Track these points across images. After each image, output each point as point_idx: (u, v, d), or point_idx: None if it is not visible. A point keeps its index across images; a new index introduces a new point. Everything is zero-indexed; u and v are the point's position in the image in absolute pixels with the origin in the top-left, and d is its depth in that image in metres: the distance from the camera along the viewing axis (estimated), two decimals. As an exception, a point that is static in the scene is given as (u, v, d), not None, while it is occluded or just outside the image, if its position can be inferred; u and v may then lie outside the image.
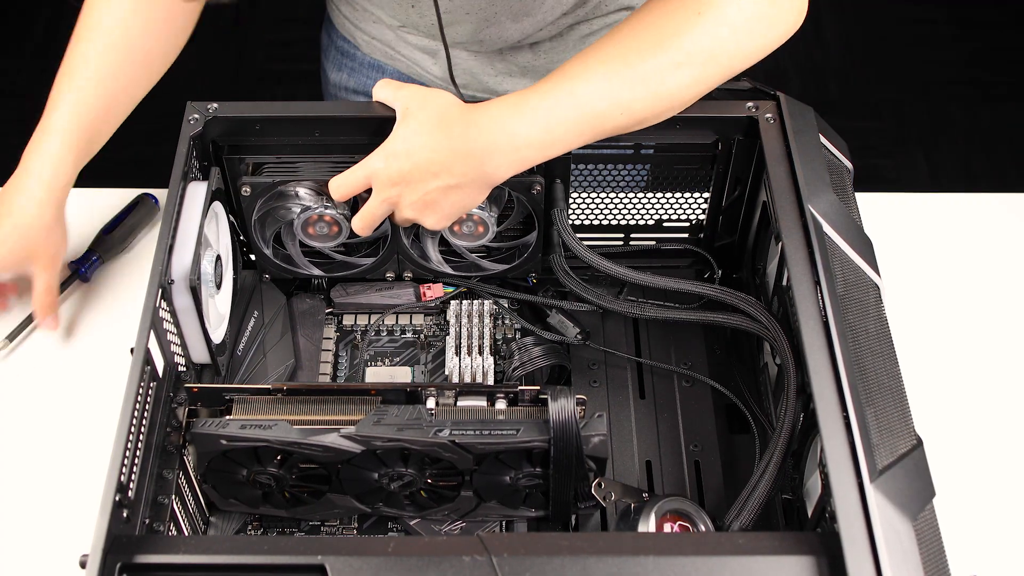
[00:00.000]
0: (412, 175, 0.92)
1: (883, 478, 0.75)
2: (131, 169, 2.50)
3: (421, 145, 0.91)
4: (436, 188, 0.93)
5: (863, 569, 0.71)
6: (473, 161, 0.91)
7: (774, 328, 0.94)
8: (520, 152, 0.92)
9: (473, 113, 0.92)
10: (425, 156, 0.91)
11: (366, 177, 0.94)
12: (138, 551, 0.74)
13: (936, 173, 2.51)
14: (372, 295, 1.12)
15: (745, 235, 1.09)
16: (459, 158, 0.91)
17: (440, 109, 0.92)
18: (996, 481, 1.05)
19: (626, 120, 0.92)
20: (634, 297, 1.08)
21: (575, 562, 0.73)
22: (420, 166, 0.91)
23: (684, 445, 1.02)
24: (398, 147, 0.92)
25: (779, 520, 0.94)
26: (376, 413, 0.89)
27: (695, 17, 0.89)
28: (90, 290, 1.19)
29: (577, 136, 0.92)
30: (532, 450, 0.89)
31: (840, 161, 0.99)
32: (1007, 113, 2.63)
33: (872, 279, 0.89)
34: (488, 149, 0.91)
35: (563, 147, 0.93)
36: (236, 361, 1.06)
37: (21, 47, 2.74)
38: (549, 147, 0.92)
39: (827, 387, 0.80)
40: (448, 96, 0.94)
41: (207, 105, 1.00)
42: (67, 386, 1.11)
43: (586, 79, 0.90)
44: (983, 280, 1.21)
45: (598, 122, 0.91)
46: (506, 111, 0.91)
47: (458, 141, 0.91)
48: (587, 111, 0.91)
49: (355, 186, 0.95)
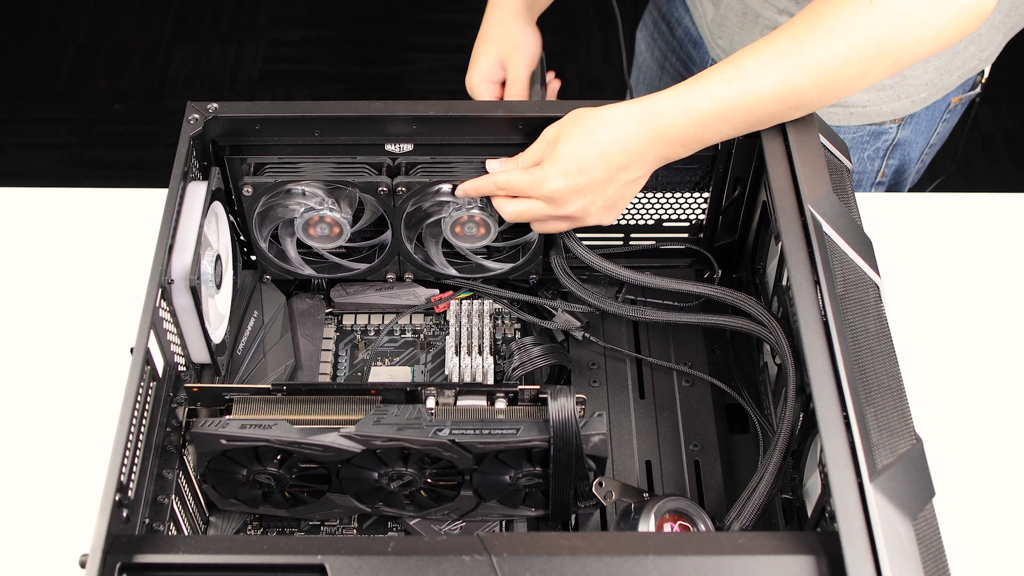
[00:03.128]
0: (590, 187, 0.94)
1: (883, 477, 0.75)
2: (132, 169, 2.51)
3: (595, 153, 0.93)
4: (616, 189, 0.95)
5: (863, 569, 0.71)
6: (654, 148, 0.93)
7: (774, 328, 0.94)
8: (693, 128, 0.93)
9: (642, 104, 0.93)
10: (602, 162, 0.93)
11: (532, 184, 0.95)
12: (138, 551, 0.74)
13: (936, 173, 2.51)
14: (372, 295, 1.12)
15: (745, 235, 1.09)
16: (638, 149, 0.93)
17: (596, 119, 0.94)
18: (996, 480, 1.05)
19: (790, 108, 0.93)
20: (632, 296, 1.09)
21: (575, 562, 0.73)
22: (595, 177, 0.94)
23: (684, 445, 1.02)
24: (570, 165, 0.93)
25: (779, 520, 0.94)
26: (376, 413, 0.89)
27: (867, 7, 0.88)
28: (90, 290, 1.19)
29: (745, 116, 0.92)
30: (532, 449, 0.89)
31: (840, 161, 0.99)
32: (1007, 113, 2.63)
33: (872, 279, 0.89)
34: (667, 132, 0.93)
35: (728, 129, 0.94)
36: (236, 361, 1.06)
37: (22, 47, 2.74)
38: (717, 126, 0.93)
39: (827, 387, 0.80)
40: (589, 109, 0.95)
41: (207, 105, 1.00)
42: (67, 386, 1.11)
43: (757, 64, 0.91)
44: (983, 280, 1.21)
45: (763, 106, 0.92)
46: (681, 91, 0.93)
47: (630, 139, 0.92)
48: (753, 97, 0.91)
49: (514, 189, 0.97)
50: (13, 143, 2.53)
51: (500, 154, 1.01)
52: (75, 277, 1.20)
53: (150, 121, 2.61)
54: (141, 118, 2.62)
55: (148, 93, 2.66)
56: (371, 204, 1.02)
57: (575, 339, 1.09)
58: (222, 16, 2.83)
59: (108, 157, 2.54)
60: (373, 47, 2.76)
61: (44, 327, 1.16)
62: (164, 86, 2.68)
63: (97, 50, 2.75)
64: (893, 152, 1.26)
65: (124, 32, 2.79)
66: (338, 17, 2.84)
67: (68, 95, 2.64)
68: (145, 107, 2.64)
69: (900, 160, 1.29)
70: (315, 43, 2.78)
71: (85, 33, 2.78)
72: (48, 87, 2.66)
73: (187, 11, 2.84)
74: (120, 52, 2.74)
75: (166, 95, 2.66)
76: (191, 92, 2.63)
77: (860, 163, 1.27)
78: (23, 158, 2.51)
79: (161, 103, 2.64)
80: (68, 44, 2.76)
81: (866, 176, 1.29)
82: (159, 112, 2.63)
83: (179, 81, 2.69)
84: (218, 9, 2.84)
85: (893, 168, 1.30)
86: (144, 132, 2.59)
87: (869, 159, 1.27)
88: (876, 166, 1.28)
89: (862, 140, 1.24)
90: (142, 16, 2.82)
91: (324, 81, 2.69)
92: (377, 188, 1.00)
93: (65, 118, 2.59)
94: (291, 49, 2.76)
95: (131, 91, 2.66)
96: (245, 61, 2.72)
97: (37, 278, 1.21)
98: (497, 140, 1.01)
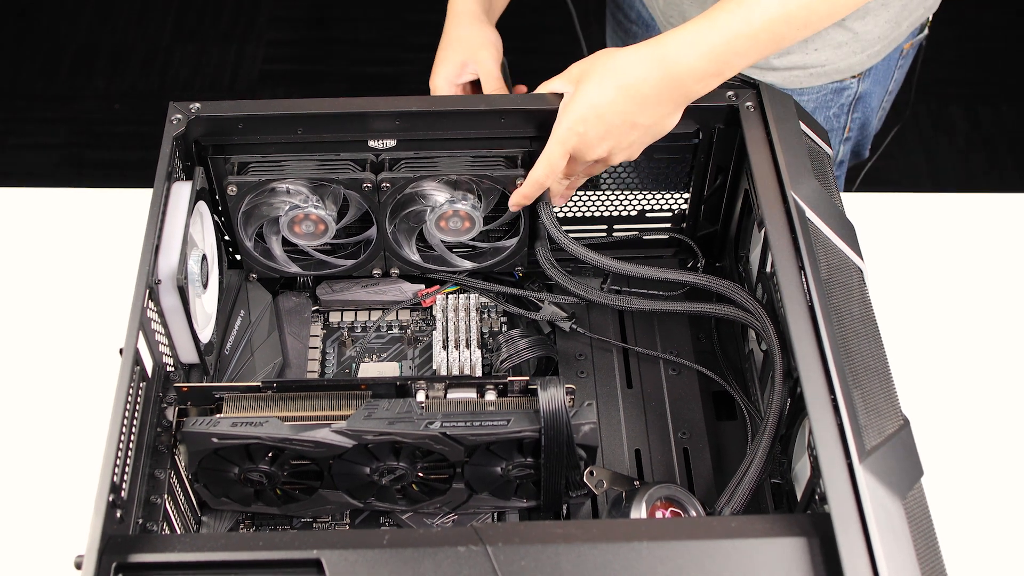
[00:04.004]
0: (610, 132, 0.95)
1: (872, 458, 0.76)
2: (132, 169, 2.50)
3: (610, 100, 0.94)
4: (638, 135, 0.97)
5: (855, 548, 0.72)
6: (669, 90, 0.95)
7: (759, 314, 0.95)
8: (704, 63, 0.94)
9: (652, 47, 0.95)
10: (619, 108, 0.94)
11: (564, 153, 0.96)
12: (133, 551, 0.74)
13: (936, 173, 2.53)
14: (358, 292, 1.12)
15: (727, 224, 1.10)
16: (652, 93, 0.94)
17: (611, 63, 0.95)
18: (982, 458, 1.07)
19: (798, 28, 0.94)
20: (617, 287, 1.09)
21: (570, 549, 0.74)
22: (614, 123, 0.95)
23: (672, 433, 1.03)
24: (588, 112, 0.94)
25: (768, 504, 0.95)
26: (367, 407, 0.89)
27: None
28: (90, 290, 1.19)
29: (754, 43, 0.94)
30: (523, 440, 0.89)
31: (820, 147, 1.00)
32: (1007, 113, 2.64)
33: (855, 263, 0.90)
34: (679, 72, 0.94)
35: (740, 60, 0.95)
36: (224, 361, 1.06)
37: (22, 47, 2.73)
38: (728, 57, 0.94)
39: (814, 370, 0.81)
40: (610, 51, 0.96)
41: (189, 105, 1.00)
42: (57, 388, 1.11)
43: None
44: (982, 280, 1.22)
45: (771, 29, 0.93)
46: (689, 27, 0.94)
47: (643, 83, 0.94)
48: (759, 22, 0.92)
49: (554, 170, 0.98)
50: (13, 143, 2.52)
51: (482, 147, 1.01)
52: (75, 277, 1.20)
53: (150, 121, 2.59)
54: (141, 118, 2.61)
55: (148, 93, 2.66)
56: (355, 200, 1.03)
57: (562, 331, 1.09)
58: (222, 16, 2.82)
59: (108, 157, 2.53)
60: (373, 47, 2.76)
61: (44, 327, 1.16)
62: (164, 86, 2.67)
63: (97, 50, 2.73)
64: (856, 106, 1.30)
65: (124, 32, 2.78)
66: (338, 17, 2.84)
67: (68, 95, 2.63)
68: (145, 107, 2.63)
69: (863, 113, 1.33)
70: (315, 43, 2.78)
71: (85, 33, 2.77)
72: (48, 87, 2.65)
73: (187, 11, 2.83)
74: (120, 52, 2.73)
75: (166, 95, 2.64)
76: (191, 92, 2.62)
77: (827, 121, 1.30)
78: (23, 158, 2.50)
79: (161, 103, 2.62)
80: (68, 44, 2.75)
81: (834, 134, 1.33)
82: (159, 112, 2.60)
83: (179, 81, 2.69)
84: (218, 9, 2.83)
85: (859, 122, 1.34)
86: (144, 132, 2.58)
87: (835, 116, 1.30)
88: (842, 122, 1.32)
89: (826, 99, 1.27)
90: (142, 16, 2.81)
91: (324, 81, 2.69)
92: (361, 184, 1.01)
93: (65, 118, 2.58)
94: (291, 49, 2.76)
95: (131, 91, 2.65)
96: (245, 61, 2.72)
97: (36, 278, 1.21)
98: (480, 134, 1.02)
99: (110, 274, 1.20)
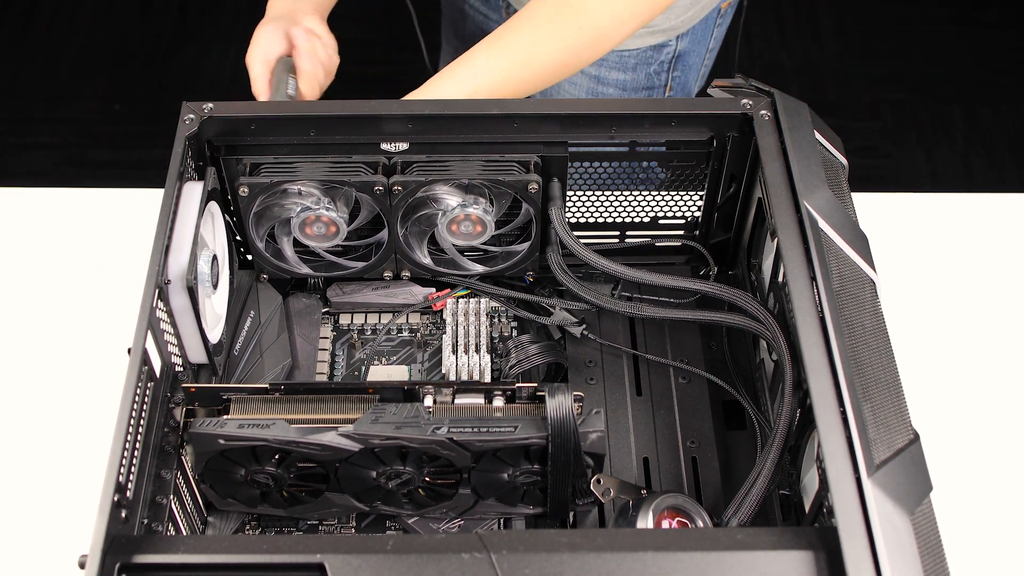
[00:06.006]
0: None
1: (880, 472, 0.75)
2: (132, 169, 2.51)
3: None
4: None
5: (861, 563, 0.71)
6: None
7: (770, 324, 0.94)
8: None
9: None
10: None
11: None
12: (137, 551, 0.74)
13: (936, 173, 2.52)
14: (369, 294, 1.12)
15: (740, 232, 1.10)
16: None
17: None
18: (992, 475, 1.06)
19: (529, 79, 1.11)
20: (628, 293, 1.09)
21: (574, 559, 0.73)
22: None
23: (681, 441, 1.02)
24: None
25: (776, 516, 0.95)
26: (374, 411, 0.89)
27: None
28: (87, 290, 1.19)
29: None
30: (530, 447, 0.89)
31: (835, 157, 0.99)
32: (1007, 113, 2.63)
33: (868, 275, 0.90)
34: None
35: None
36: (233, 361, 1.06)
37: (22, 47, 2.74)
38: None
39: (824, 383, 0.80)
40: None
41: (202, 105, 0.99)
42: (65, 386, 1.11)
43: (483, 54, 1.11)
44: (982, 280, 1.21)
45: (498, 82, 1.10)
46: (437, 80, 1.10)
47: None
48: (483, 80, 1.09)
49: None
50: (13, 143, 2.53)
51: (494, 151, 1.01)
52: (75, 277, 1.20)
53: (150, 121, 2.61)
54: (141, 118, 2.61)
55: (148, 93, 2.66)
56: (367, 203, 1.02)
57: (572, 336, 1.09)
58: (222, 16, 2.82)
59: (108, 157, 2.54)
60: (373, 47, 2.76)
61: (43, 327, 1.16)
62: (164, 86, 2.67)
63: (97, 50, 2.74)
64: (676, 64, 1.35)
65: (124, 32, 2.78)
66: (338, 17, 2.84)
67: (68, 95, 2.64)
68: (145, 107, 2.64)
69: (683, 71, 1.37)
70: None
71: (85, 33, 2.78)
72: (48, 87, 2.66)
73: (187, 11, 2.83)
74: (120, 52, 2.74)
75: (166, 95, 2.65)
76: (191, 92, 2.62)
77: (648, 79, 1.36)
78: (23, 158, 2.50)
79: (161, 103, 2.64)
80: (68, 44, 2.75)
81: (655, 91, 1.38)
82: (159, 112, 2.62)
83: (179, 81, 2.69)
84: (218, 9, 2.84)
85: (680, 81, 1.39)
86: (144, 132, 2.59)
87: (656, 74, 1.36)
88: (663, 80, 1.38)
89: (647, 57, 1.33)
90: (142, 16, 2.82)
91: (324, 80, 2.70)
92: (373, 187, 1.00)
93: (65, 118, 2.59)
94: (291, 49, 2.77)
95: (131, 91, 2.66)
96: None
97: (36, 278, 1.21)
98: (492, 139, 1.01)
99: (111, 274, 1.21)
